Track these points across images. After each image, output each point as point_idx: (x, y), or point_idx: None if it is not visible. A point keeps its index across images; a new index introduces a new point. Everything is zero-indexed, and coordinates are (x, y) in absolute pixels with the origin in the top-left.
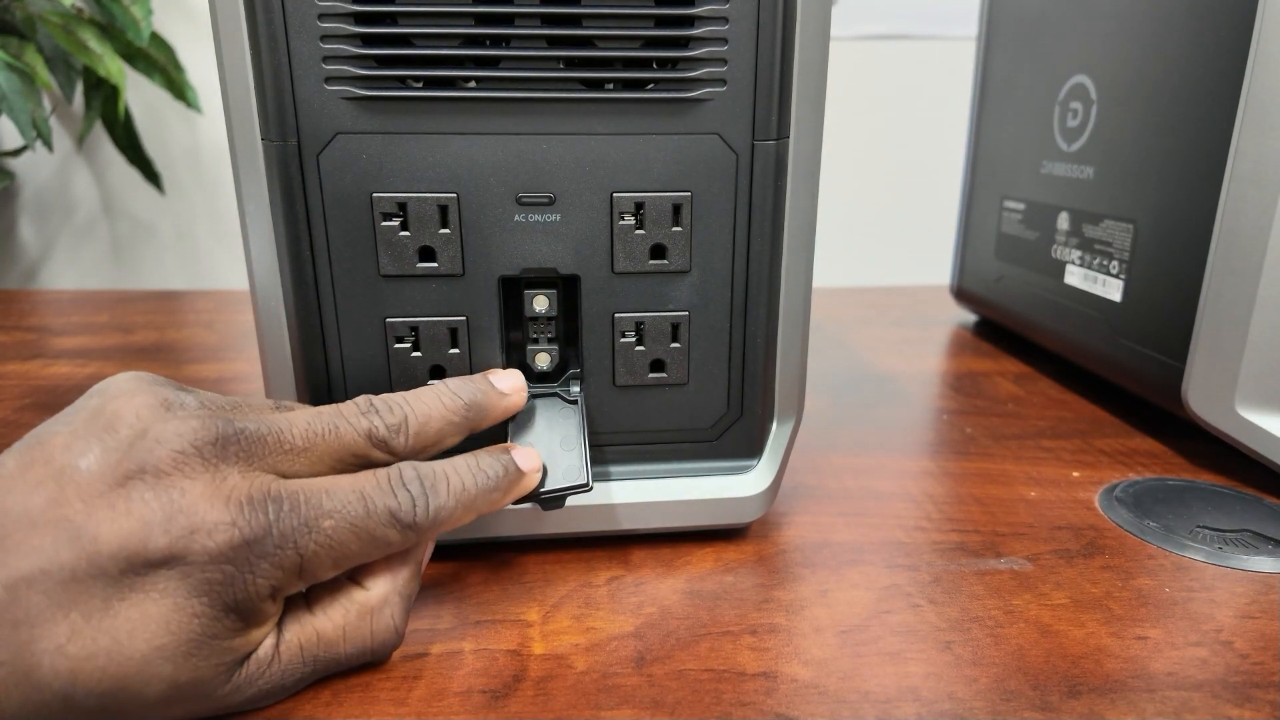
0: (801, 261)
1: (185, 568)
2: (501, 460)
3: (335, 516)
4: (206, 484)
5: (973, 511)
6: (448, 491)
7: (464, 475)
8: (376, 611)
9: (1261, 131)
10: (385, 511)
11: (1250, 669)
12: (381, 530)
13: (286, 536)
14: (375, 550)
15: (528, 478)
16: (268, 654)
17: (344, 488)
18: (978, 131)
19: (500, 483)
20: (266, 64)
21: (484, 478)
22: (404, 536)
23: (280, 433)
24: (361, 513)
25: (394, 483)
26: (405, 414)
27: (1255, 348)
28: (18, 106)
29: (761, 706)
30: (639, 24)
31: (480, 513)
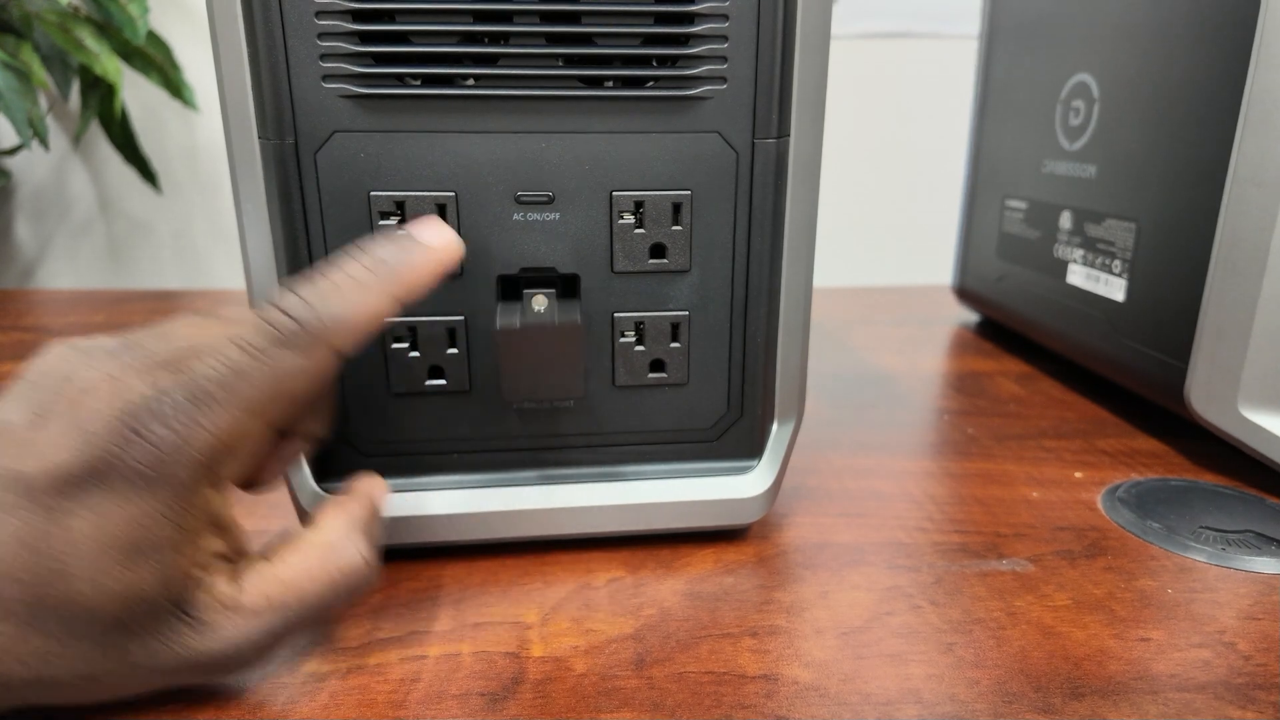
0: (802, 261)
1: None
2: (399, 242)
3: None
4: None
5: (974, 512)
6: (338, 292)
7: (353, 270)
8: (337, 548)
9: (1264, 131)
10: (264, 342)
11: (1253, 670)
12: (277, 364)
13: (180, 420)
14: (293, 384)
15: (444, 250)
16: (230, 598)
17: (217, 341)
18: (979, 130)
19: (408, 261)
20: (264, 62)
21: (383, 267)
22: (310, 356)
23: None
24: (241, 359)
25: (264, 312)
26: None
27: (1258, 347)
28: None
29: (762, 709)
30: (639, 21)
31: (400, 300)
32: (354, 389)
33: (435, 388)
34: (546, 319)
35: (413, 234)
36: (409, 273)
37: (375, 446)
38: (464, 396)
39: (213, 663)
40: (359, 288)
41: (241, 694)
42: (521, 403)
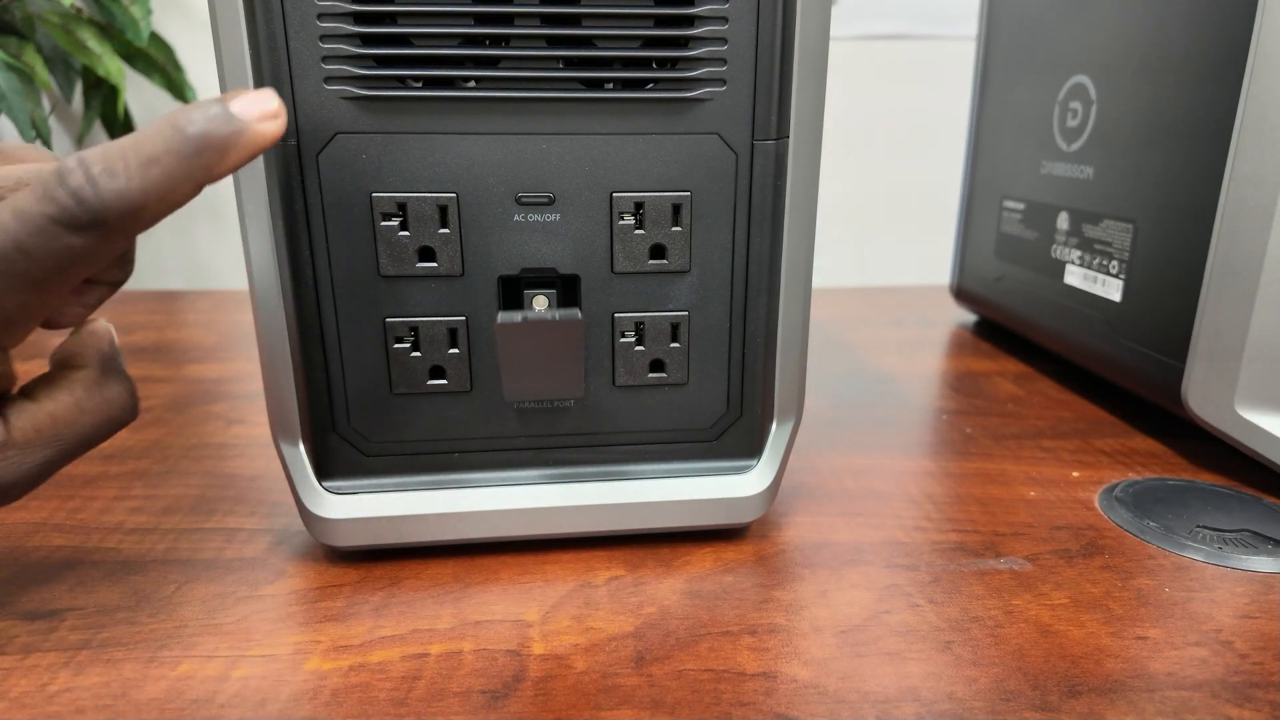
0: (801, 261)
1: None
2: (208, 110)
3: None
4: None
5: (972, 511)
6: (125, 169)
7: (149, 145)
8: (102, 381)
9: (1261, 132)
10: (43, 219)
11: (1250, 669)
12: (55, 242)
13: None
14: (70, 261)
15: (254, 128)
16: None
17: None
18: (978, 131)
19: (210, 139)
20: (266, 64)
21: (181, 140)
22: (91, 238)
23: None
24: (20, 231)
25: (48, 185)
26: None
27: (1255, 347)
28: (17, 106)
29: (761, 706)
30: (639, 23)
31: (199, 181)
32: (355, 389)
33: (436, 388)
34: (546, 316)
35: (226, 105)
36: (213, 155)
37: (377, 446)
38: (465, 396)
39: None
40: (152, 167)
41: (243, 692)
42: (522, 402)
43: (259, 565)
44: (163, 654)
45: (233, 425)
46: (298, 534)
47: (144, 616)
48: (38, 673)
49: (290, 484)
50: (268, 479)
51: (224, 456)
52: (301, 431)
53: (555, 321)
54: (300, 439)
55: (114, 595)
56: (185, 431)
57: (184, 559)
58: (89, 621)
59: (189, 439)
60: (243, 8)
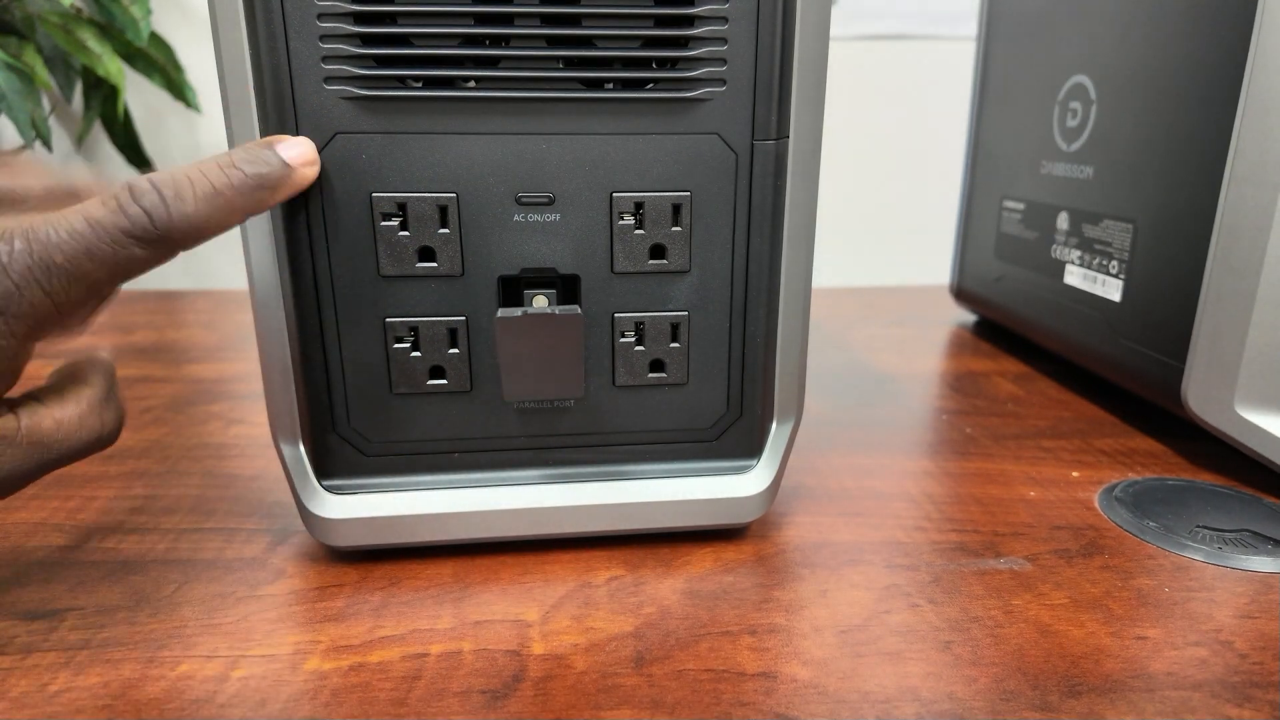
0: (801, 261)
1: None
2: (261, 155)
3: (65, 249)
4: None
5: (972, 511)
6: (194, 196)
7: (213, 177)
8: (104, 404)
9: (1261, 131)
10: (117, 231)
11: (1250, 669)
12: (123, 251)
13: (24, 275)
14: (129, 269)
15: (299, 171)
16: (7, 432)
17: (68, 218)
18: (977, 131)
19: (265, 178)
20: (266, 64)
21: (239, 176)
22: (154, 251)
23: None
24: (93, 238)
25: (123, 200)
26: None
27: (1255, 347)
28: (17, 106)
29: (761, 706)
30: (638, 23)
31: (249, 213)
32: (355, 388)
33: (436, 387)
34: (547, 310)
35: (277, 150)
36: (266, 193)
37: (377, 446)
38: (465, 396)
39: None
40: (216, 198)
41: (243, 692)
42: (522, 402)
43: (259, 565)
44: (162, 654)
45: (233, 425)
46: (298, 534)
47: (144, 616)
48: (38, 673)
49: (290, 484)
50: (268, 479)
51: (224, 456)
52: (301, 431)
53: (555, 316)
54: (300, 439)
55: (114, 595)
56: (185, 431)
57: (184, 559)
58: (89, 621)
59: (189, 439)
60: (243, 8)
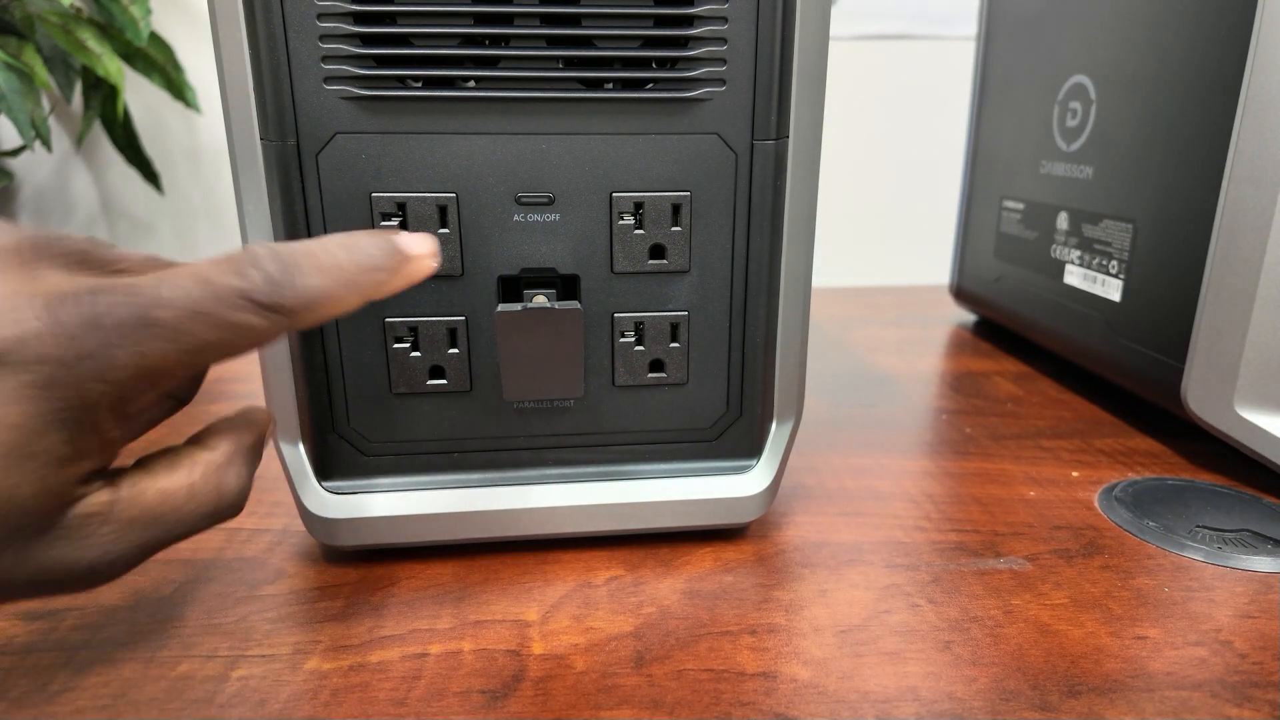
0: (801, 261)
1: None
2: (384, 240)
3: (173, 306)
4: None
5: (972, 511)
6: (317, 268)
7: (336, 252)
8: (223, 469)
9: (1261, 131)
10: (233, 292)
11: (1249, 669)
12: (236, 315)
13: (117, 332)
14: (237, 339)
15: (419, 261)
16: (101, 509)
17: (180, 276)
18: (977, 131)
19: (385, 263)
20: (265, 64)
21: (363, 255)
22: (270, 322)
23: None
24: (205, 297)
25: (240, 263)
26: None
27: (1254, 347)
28: (16, 106)
29: (761, 706)
30: (638, 23)
31: (366, 296)
32: (355, 389)
33: (436, 387)
34: (546, 305)
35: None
36: (386, 280)
37: (377, 446)
38: (465, 396)
39: (81, 575)
40: (340, 279)
41: (243, 692)
42: (522, 402)
43: (259, 565)
44: (162, 654)
45: None
46: (298, 534)
47: (144, 616)
48: (38, 673)
49: (290, 484)
50: (268, 479)
51: None
52: (301, 431)
53: (555, 311)
54: (300, 439)
55: (114, 595)
56: (185, 431)
57: (184, 559)
58: (89, 621)
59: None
60: (243, 8)
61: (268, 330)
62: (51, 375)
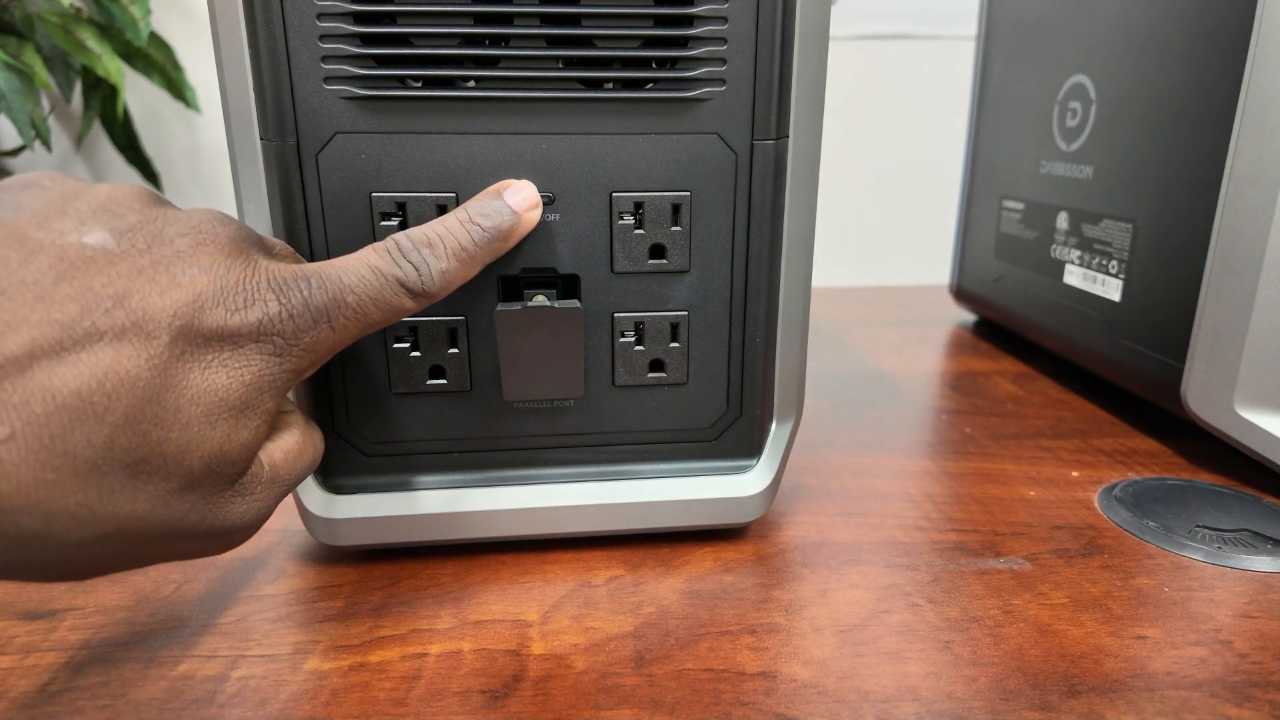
0: (801, 261)
1: (237, 341)
2: (494, 205)
3: (356, 291)
4: (245, 266)
5: (972, 511)
6: (446, 253)
7: (459, 234)
8: (313, 428)
9: (1260, 132)
10: (395, 281)
11: (1249, 668)
12: (397, 299)
13: (321, 312)
14: (394, 318)
15: (525, 217)
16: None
17: (355, 265)
18: (977, 131)
19: (500, 229)
20: (265, 64)
21: (479, 232)
22: (417, 303)
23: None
24: (377, 285)
25: (394, 255)
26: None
27: (1254, 347)
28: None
29: (761, 706)
30: (638, 23)
31: (488, 262)
32: (355, 389)
33: (436, 387)
34: (546, 304)
35: (505, 198)
36: (502, 244)
37: (376, 446)
38: (464, 396)
39: (240, 529)
40: (467, 258)
41: (243, 692)
42: (522, 402)
43: (259, 565)
44: (162, 654)
45: None
46: (298, 534)
47: (144, 616)
48: (38, 673)
49: None
50: None
51: None
52: None
53: (555, 310)
54: None
55: (114, 595)
56: None
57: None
58: (89, 621)
59: None
60: (243, 8)
61: (415, 309)
62: (281, 346)
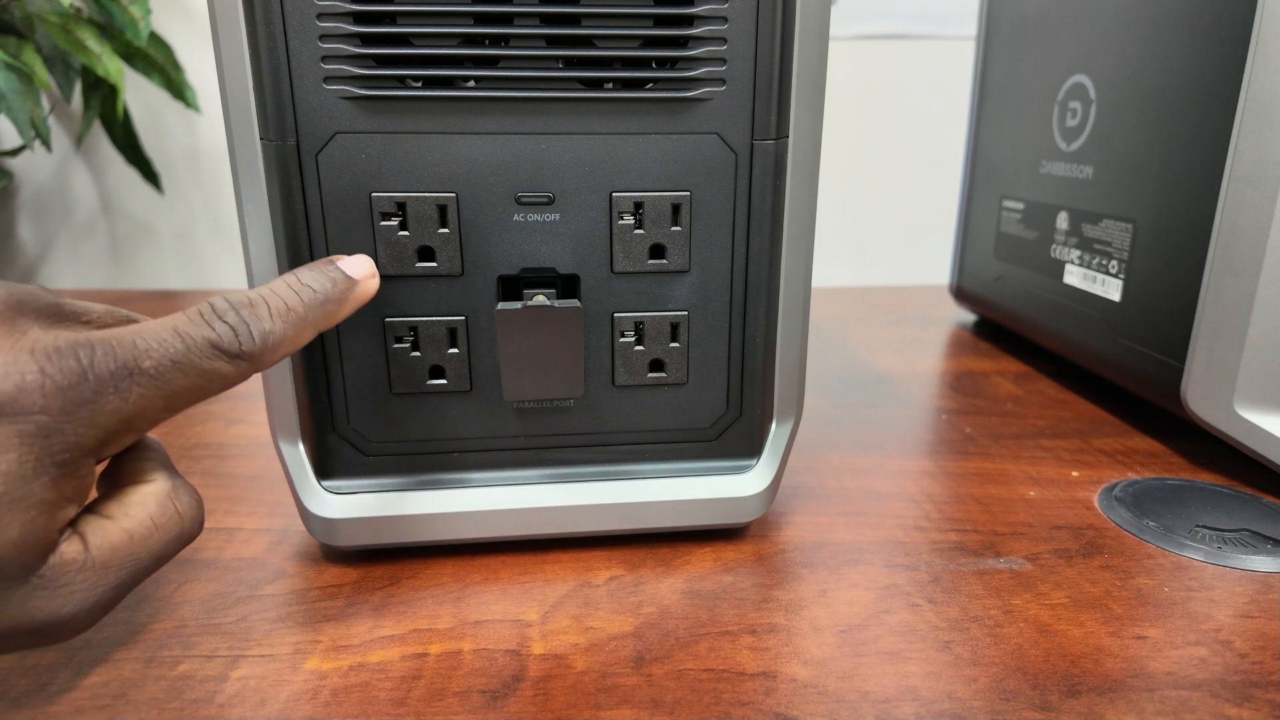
0: (800, 261)
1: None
2: (326, 272)
3: (153, 356)
4: (7, 336)
5: (972, 511)
6: (270, 315)
7: (285, 295)
8: (174, 494)
9: (1260, 131)
10: (205, 343)
11: (1249, 668)
12: (208, 363)
13: (105, 381)
14: (210, 385)
15: (362, 284)
16: (77, 556)
17: (156, 329)
18: (977, 131)
19: (331, 294)
20: (265, 64)
21: (310, 293)
22: (237, 368)
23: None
24: (181, 348)
25: (207, 316)
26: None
27: (1254, 347)
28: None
29: (761, 706)
30: (638, 23)
31: (319, 328)
32: (355, 389)
33: (436, 387)
34: (547, 303)
35: (340, 267)
36: (335, 309)
37: (376, 446)
38: (465, 396)
39: (60, 624)
40: (293, 320)
41: (243, 692)
42: (522, 402)
43: (259, 565)
44: (162, 654)
45: (233, 425)
46: (298, 534)
47: (144, 616)
48: (37, 673)
49: (290, 484)
50: (268, 479)
51: (224, 456)
52: (301, 431)
53: (555, 310)
54: (300, 439)
55: None
56: (185, 431)
57: (184, 559)
58: None
59: (189, 438)
60: (242, 8)
61: (236, 375)
62: (46, 424)
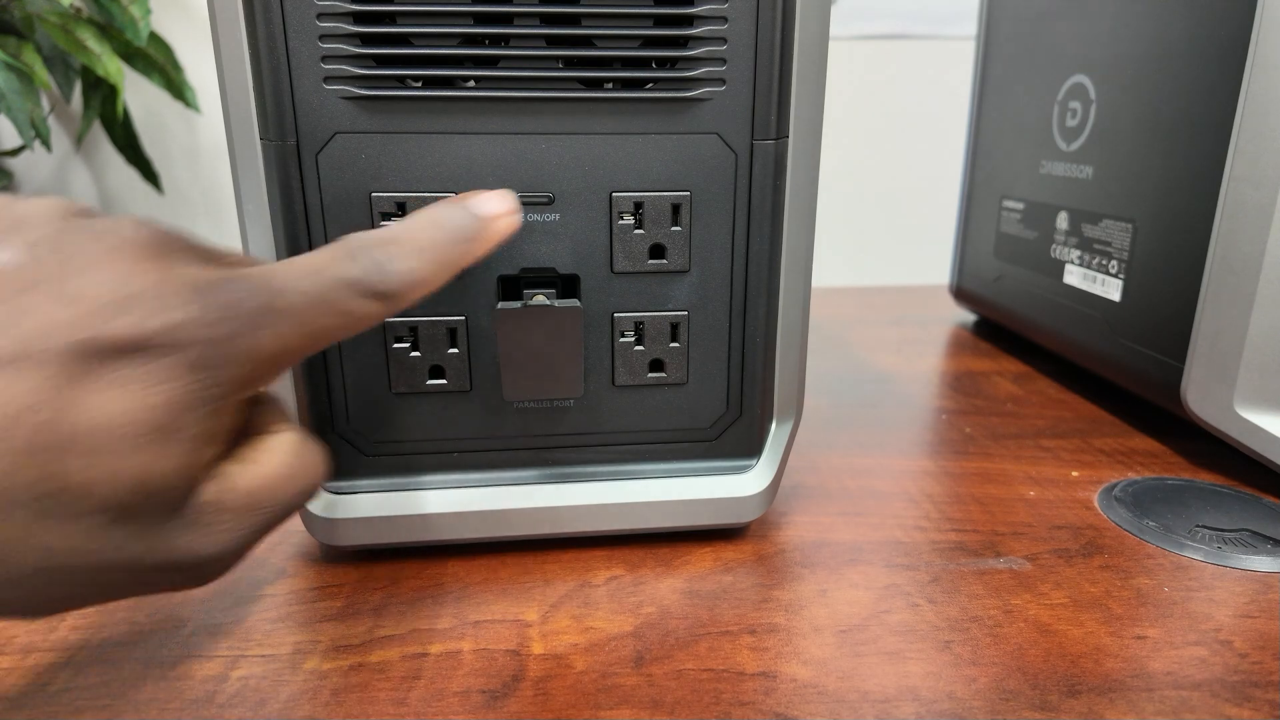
0: (801, 261)
1: (148, 353)
2: (465, 212)
3: (298, 294)
4: (160, 270)
5: (972, 511)
6: (412, 252)
7: (426, 233)
8: (304, 445)
9: (1260, 131)
10: (344, 281)
11: (1249, 668)
12: (348, 302)
13: (254, 316)
14: (350, 323)
15: (499, 221)
16: (219, 496)
17: (295, 266)
18: (977, 131)
19: (468, 231)
20: (265, 64)
21: (449, 231)
22: (375, 306)
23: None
24: (323, 287)
25: (345, 253)
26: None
27: (1254, 347)
28: (16, 106)
29: (760, 706)
30: (638, 23)
31: (459, 266)
32: (355, 389)
33: (436, 387)
34: (547, 303)
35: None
36: (474, 249)
37: (376, 446)
38: (464, 396)
39: (199, 564)
40: (433, 259)
41: (243, 692)
42: (522, 402)
43: (259, 565)
44: (162, 654)
45: None
46: (298, 534)
47: (143, 616)
48: (37, 673)
49: None
50: None
51: None
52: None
53: (555, 309)
54: None
55: None
56: None
57: None
58: (89, 621)
59: None
60: (242, 8)
61: (376, 314)
62: (201, 356)
